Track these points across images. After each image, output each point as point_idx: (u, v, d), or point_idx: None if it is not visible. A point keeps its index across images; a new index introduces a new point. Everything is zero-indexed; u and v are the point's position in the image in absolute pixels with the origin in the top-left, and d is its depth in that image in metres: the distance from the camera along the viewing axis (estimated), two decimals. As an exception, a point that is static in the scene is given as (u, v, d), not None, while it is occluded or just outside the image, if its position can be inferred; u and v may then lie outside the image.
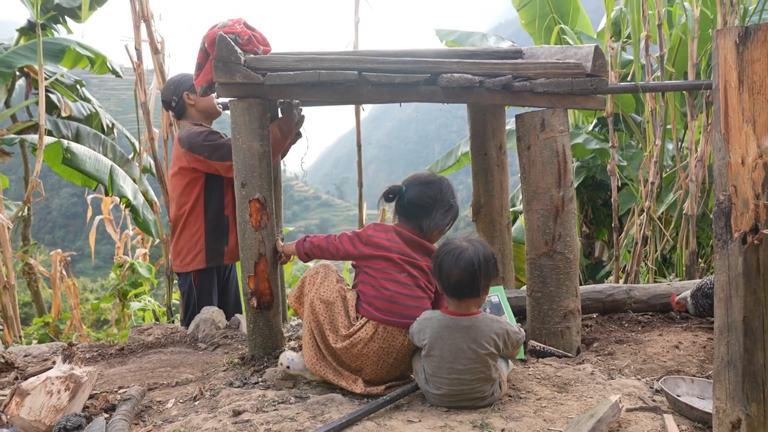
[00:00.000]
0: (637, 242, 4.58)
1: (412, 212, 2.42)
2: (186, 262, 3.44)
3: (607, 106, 4.57)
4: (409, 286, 2.34)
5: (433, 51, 3.16)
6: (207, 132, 3.35)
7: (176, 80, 3.50)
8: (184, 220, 3.42)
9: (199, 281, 3.47)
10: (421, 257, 2.38)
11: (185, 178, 3.40)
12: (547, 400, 2.14)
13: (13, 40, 7.34)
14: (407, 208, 2.43)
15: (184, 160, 3.36)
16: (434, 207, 2.41)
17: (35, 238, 9.34)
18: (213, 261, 3.43)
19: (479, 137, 3.43)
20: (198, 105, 3.46)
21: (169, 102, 3.52)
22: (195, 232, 3.41)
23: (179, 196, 3.43)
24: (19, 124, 7.53)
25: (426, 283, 2.38)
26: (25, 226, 7.53)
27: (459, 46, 6.98)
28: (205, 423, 2.04)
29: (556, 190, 2.70)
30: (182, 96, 3.44)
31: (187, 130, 3.37)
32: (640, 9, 4.47)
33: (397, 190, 2.45)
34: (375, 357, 2.30)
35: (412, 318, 2.26)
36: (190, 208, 3.40)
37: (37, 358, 3.13)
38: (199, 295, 3.48)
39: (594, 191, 6.46)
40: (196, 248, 3.41)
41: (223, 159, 3.24)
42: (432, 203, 2.41)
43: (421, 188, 2.43)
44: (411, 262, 2.36)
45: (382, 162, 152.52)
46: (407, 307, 2.31)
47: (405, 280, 2.34)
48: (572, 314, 2.75)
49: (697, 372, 2.42)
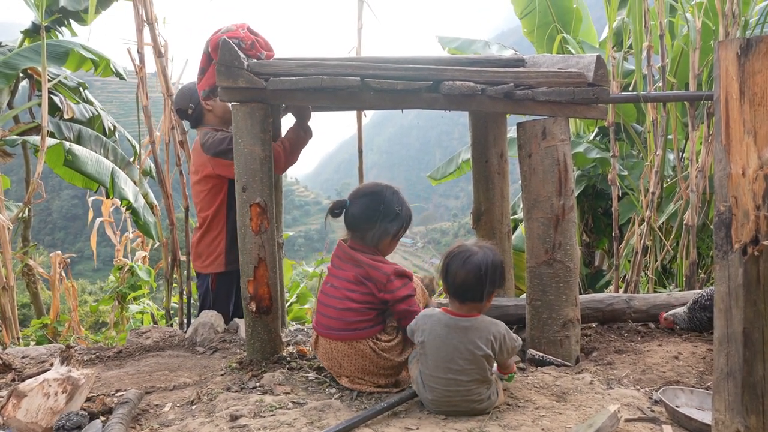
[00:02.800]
0: (638, 252, 4.57)
1: (357, 225, 2.47)
2: (206, 264, 3.51)
3: (608, 115, 4.58)
4: (330, 297, 2.45)
5: (436, 58, 3.16)
6: (230, 137, 3.32)
7: (191, 88, 3.49)
8: (207, 224, 3.47)
9: (217, 285, 3.52)
10: (350, 268, 2.44)
11: (209, 184, 3.42)
12: (545, 409, 2.13)
13: (17, 42, 7.37)
14: (352, 222, 2.48)
15: (210, 167, 3.36)
16: (378, 218, 2.43)
17: (35, 240, 9.34)
18: (231, 265, 3.45)
19: (480, 145, 3.43)
20: (216, 110, 3.46)
21: (185, 110, 3.51)
22: (216, 235, 3.46)
23: (202, 201, 3.47)
24: (21, 126, 7.54)
25: (346, 294, 2.40)
26: (25, 227, 7.52)
27: (461, 53, 7.01)
28: (202, 427, 2.03)
29: (557, 198, 2.71)
30: (199, 103, 3.45)
31: (210, 136, 3.37)
32: (642, 19, 4.48)
33: (342, 204, 2.50)
34: (329, 363, 2.46)
35: (331, 329, 2.40)
36: (214, 212, 3.44)
37: (35, 360, 3.13)
38: (214, 298, 3.53)
39: (594, 200, 6.46)
40: (216, 251, 3.47)
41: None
42: (375, 214, 2.43)
43: (364, 200, 2.47)
44: (337, 273, 2.48)
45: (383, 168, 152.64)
46: (327, 318, 2.44)
47: (329, 291, 2.47)
48: (572, 323, 2.74)
49: (696, 383, 2.42)
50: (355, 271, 2.41)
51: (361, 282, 2.39)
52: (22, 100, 8.12)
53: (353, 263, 2.44)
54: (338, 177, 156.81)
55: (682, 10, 4.77)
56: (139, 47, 4.06)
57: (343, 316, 2.39)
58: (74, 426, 2.02)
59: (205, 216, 3.47)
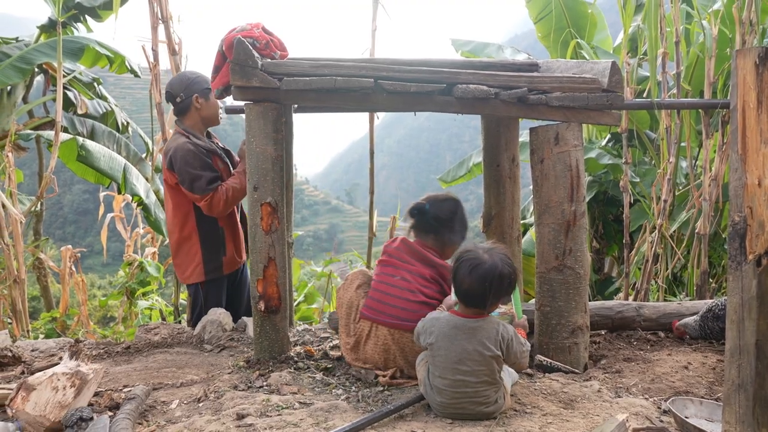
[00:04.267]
0: (648, 260, 4.54)
1: (432, 227, 2.62)
2: (186, 276, 3.44)
3: (621, 122, 4.55)
4: (401, 289, 2.51)
5: (450, 61, 3.15)
6: (192, 155, 3.22)
7: (190, 79, 3.38)
8: (178, 234, 3.38)
9: (206, 288, 3.46)
10: (421, 266, 2.56)
11: (173, 191, 3.35)
12: (552, 416, 2.12)
13: (33, 37, 7.43)
14: (429, 224, 2.62)
15: (166, 175, 3.31)
16: (455, 224, 2.62)
17: (46, 233, 9.42)
18: (212, 273, 3.41)
19: (492, 149, 3.42)
20: (203, 111, 3.39)
21: (174, 97, 3.38)
22: (191, 246, 3.38)
23: (172, 209, 3.38)
24: (35, 120, 7.62)
25: (420, 288, 2.51)
26: (37, 221, 7.59)
27: (474, 56, 6.99)
28: (208, 425, 2.04)
29: (568, 204, 2.69)
30: (191, 97, 3.34)
31: (176, 145, 3.26)
32: (658, 26, 4.46)
33: (422, 207, 2.64)
34: (378, 356, 2.50)
35: (399, 319, 2.45)
36: (182, 222, 3.36)
37: (44, 353, 3.15)
38: (205, 302, 3.47)
39: (605, 206, 6.42)
40: (194, 262, 3.39)
41: (192, 191, 3.21)
42: (452, 218, 2.63)
43: (446, 205, 2.65)
44: (408, 268, 2.56)
45: (393, 169, 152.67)
46: (394, 308, 2.49)
47: (398, 283, 2.53)
48: (580, 330, 2.72)
49: (706, 394, 2.40)
50: (428, 270, 2.55)
51: (436, 281, 2.54)
52: (37, 94, 8.18)
53: (424, 262, 2.56)
54: (348, 177, 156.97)
55: (698, 17, 4.74)
56: (153, 44, 4.08)
57: (416, 308, 2.46)
58: (88, 417, 2.04)
59: (177, 225, 3.36)
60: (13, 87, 7.41)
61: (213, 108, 3.43)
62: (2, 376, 2.74)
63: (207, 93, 3.37)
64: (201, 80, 3.39)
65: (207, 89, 3.37)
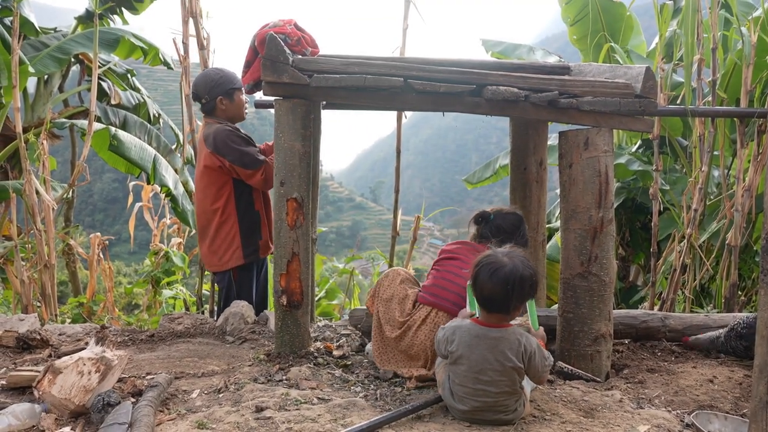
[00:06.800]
0: (676, 269, 4.45)
1: (496, 235, 2.68)
2: (225, 260, 3.45)
3: (654, 128, 4.47)
4: (466, 279, 2.51)
5: (480, 62, 3.14)
6: (234, 135, 3.34)
7: (214, 80, 3.43)
8: (217, 219, 3.42)
9: (238, 276, 3.49)
10: None
11: (213, 176, 3.39)
12: (572, 425, 2.10)
13: (70, 28, 7.59)
14: (494, 231, 2.71)
15: (209, 160, 3.36)
16: (516, 235, 2.69)
17: (76, 220, 9.61)
18: (250, 256, 3.46)
19: (520, 152, 3.40)
20: (228, 111, 3.47)
21: (200, 98, 3.47)
22: (230, 229, 3.42)
23: (208, 195, 3.42)
24: (70, 109, 7.78)
25: None
26: (68, 208, 7.76)
27: (505, 57, 6.93)
28: (227, 416, 2.06)
29: (596, 210, 2.66)
30: (215, 99, 3.42)
31: (214, 129, 3.36)
32: (695, 32, 4.36)
33: (486, 216, 2.75)
34: (429, 342, 2.52)
35: (461, 307, 2.47)
36: (223, 206, 3.40)
37: (71, 338, 3.22)
38: (238, 290, 3.51)
39: (633, 213, 6.31)
40: (233, 245, 3.42)
41: (246, 167, 3.29)
42: (515, 232, 2.71)
43: (509, 217, 2.75)
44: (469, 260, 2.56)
45: (418, 168, 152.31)
46: (457, 296, 2.54)
47: (465, 275, 2.52)
48: (603, 338, 2.69)
49: (731, 409, 2.34)
50: None
51: None
52: (72, 84, 8.36)
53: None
54: (373, 175, 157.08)
55: (737, 23, 4.63)
56: (184, 38, 4.14)
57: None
58: (115, 402, 2.08)
59: (215, 209, 3.40)
60: (50, 76, 7.59)
61: (238, 107, 3.49)
62: (30, 358, 2.80)
63: (231, 93, 3.43)
64: (225, 81, 3.43)
65: (231, 89, 3.43)
